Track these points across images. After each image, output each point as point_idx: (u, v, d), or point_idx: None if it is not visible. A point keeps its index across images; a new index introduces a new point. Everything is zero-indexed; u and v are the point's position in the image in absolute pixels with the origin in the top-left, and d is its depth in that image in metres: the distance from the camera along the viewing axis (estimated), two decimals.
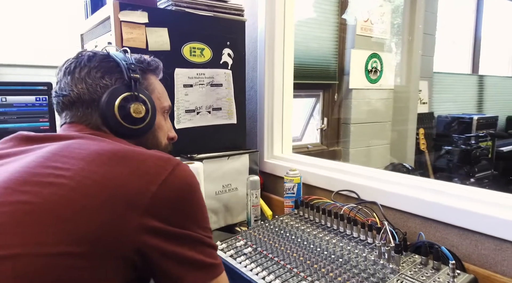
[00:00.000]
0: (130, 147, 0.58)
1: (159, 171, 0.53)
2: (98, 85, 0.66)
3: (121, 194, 0.49)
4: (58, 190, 0.47)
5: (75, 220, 0.46)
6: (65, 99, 0.66)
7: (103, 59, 0.68)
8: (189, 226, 0.54)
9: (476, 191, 0.96)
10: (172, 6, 1.26)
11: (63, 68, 0.69)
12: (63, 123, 0.68)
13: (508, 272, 0.82)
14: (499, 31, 4.78)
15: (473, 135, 2.85)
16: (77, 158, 0.52)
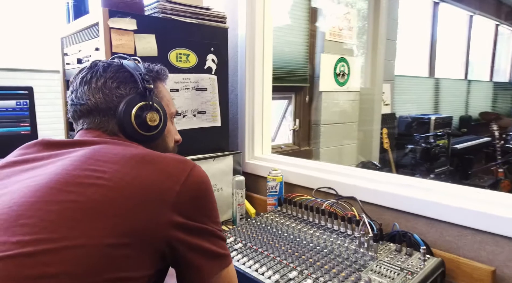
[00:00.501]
0: (152, 152, 0.64)
1: (180, 172, 0.59)
2: (114, 94, 0.70)
3: (153, 193, 0.55)
4: (99, 190, 0.53)
5: (118, 216, 0.52)
6: (82, 107, 0.70)
7: (118, 70, 0.72)
8: (206, 221, 0.61)
9: (440, 184, 1.10)
10: (159, 14, 1.31)
11: (78, 78, 0.72)
12: (80, 129, 0.72)
13: (468, 255, 0.96)
14: (452, 36, 5.16)
15: (432, 134, 3.09)
16: (111, 162, 0.57)
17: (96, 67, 0.73)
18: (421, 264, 0.88)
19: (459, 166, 3.64)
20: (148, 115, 0.72)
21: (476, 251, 0.94)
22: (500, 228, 0.90)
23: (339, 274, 0.87)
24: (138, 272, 0.53)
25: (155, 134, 0.75)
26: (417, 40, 4.47)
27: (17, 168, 0.61)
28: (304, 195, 1.24)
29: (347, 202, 1.14)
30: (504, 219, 0.89)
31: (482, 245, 0.93)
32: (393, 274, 0.85)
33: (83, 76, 0.72)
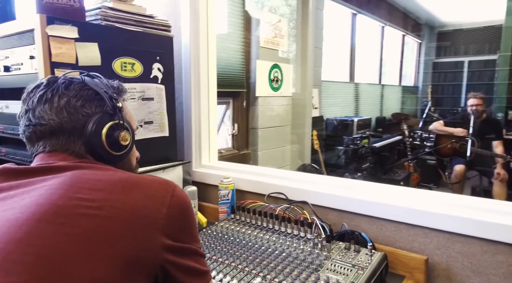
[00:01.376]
0: (131, 174, 0.63)
1: (164, 194, 0.59)
2: (80, 113, 0.66)
3: (144, 219, 0.55)
4: (92, 220, 0.51)
5: (114, 247, 0.50)
6: (43, 128, 0.65)
7: (81, 87, 0.68)
8: (190, 240, 0.62)
9: (379, 186, 1.23)
10: (101, 21, 1.25)
11: (36, 96, 0.66)
12: (40, 152, 0.66)
13: (404, 247, 1.10)
14: (368, 45, 5.68)
15: (358, 136, 3.39)
16: (95, 189, 0.55)
17: (56, 84, 0.67)
18: (369, 259, 0.99)
19: (377, 163, 4.05)
20: (121, 135, 0.70)
21: (411, 243, 1.09)
22: (429, 222, 1.05)
23: (299, 275, 0.94)
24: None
25: (124, 153, 0.73)
26: (339, 48, 4.84)
27: None
28: (257, 201, 1.29)
29: (299, 206, 1.22)
30: (432, 214, 1.04)
31: (415, 237, 1.08)
32: (346, 271, 0.95)
33: (41, 94, 0.66)
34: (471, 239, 0.99)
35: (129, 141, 0.73)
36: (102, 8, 1.26)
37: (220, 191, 1.37)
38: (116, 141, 0.70)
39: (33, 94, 0.67)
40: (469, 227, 0.99)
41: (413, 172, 4.54)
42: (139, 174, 0.67)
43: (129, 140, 0.73)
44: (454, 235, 1.02)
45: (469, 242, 1.00)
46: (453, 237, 1.02)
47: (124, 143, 0.71)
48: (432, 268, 1.05)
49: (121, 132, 0.70)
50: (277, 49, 3.06)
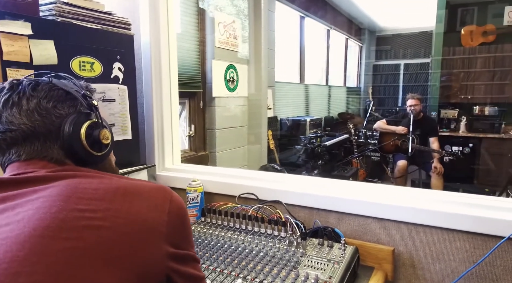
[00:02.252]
0: (128, 181, 0.59)
1: (163, 200, 0.57)
2: (52, 115, 0.61)
3: (148, 227, 0.52)
4: (96, 232, 0.47)
5: (121, 258, 0.47)
6: (14, 134, 0.59)
7: (50, 88, 0.63)
8: (188, 247, 0.60)
9: (346, 182, 1.29)
10: (57, 17, 1.16)
11: (0, 101, 0.60)
12: (14, 161, 0.60)
13: (371, 239, 1.16)
14: (315, 47, 5.89)
15: (314, 135, 3.51)
16: (95, 198, 0.51)
17: (21, 87, 0.62)
18: (342, 253, 1.03)
19: (328, 161, 4.22)
20: (102, 133, 0.66)
21: (377, 236, 1.15)
22: (393, 215, 1.12)
23: (279, 273, 0.95)
24: None
25: (106, 153, 0.69)
26: (289, 49, 4.96)
27: None
28: (228, 203, 1.29)
29: (271, 206, 1.23)
30: (396, 207, 1.12)
31: (381, 229, 1.15)
32: (323, 266, 0.98)
33: (6, 98, 0.61)
34: (432, 228, 1.08)
35: (110, 139, 0.69)
36: (57, 3, 1.17)
37: (188, 194, 1.34)
38: (97, 140, 0.66)
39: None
40: (430, 218, 1.07)
41: (360, 168, 4.81)
42: (130, 179, 0.63)
43: (110, 138, 0.69)
44: (416, 226, 1.10)
45: (430, 231, 1.08)
46: (416, 228, 1.10)
47: (105, 141, 0.67)
48: (398, 258, 1.13)
49: (101, 130, 0.67)
50: (231, 49, 3.06)
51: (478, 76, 4.95)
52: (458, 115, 5.13)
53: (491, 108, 4.91)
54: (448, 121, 5.21)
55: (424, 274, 1.10)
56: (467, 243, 1.03)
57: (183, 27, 2.62)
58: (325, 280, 0.91)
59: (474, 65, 4.96)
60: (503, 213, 0.99)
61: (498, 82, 4.83)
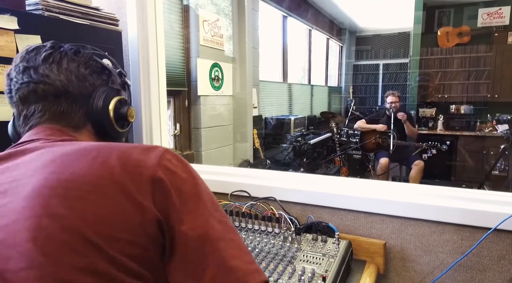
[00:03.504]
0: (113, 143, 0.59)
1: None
2: (88, 81, 0.63)
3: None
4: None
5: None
6: (47, 87, 0.59)
7: (90, 57, 0.65)
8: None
9: (337, 178, 1.31)
10: (43, 12, 1.13)
11: (41, 55, 0.61)
12: (36, 124, 0.61)
13: (363, 233, 1.19)
14: (298, 46, 5.94)
15: (300, 134, 3.54)
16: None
17: (62, 49, 0.64)
18: (336, 248, 1.05)
19: (313, 159, 4.27)
20: (129, 110, 0.68)
21: (369, 230, 1.18)
22: (384, 209, 1.15)
23: (276, 269, 0.96)
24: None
25: (125, 132, 0.71)
26: (272, 49, 4.99)
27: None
28: (220, 200, 1.28)
29: (264, 202, 1.24)
30: (387, 201, 1.14)
31: (373, 224, 1.17)
32: (318, 260, 0.99)
33: (48, 54, 0.61)
34: (421, 222, 1.11)
35: (134, 120, 0.71)
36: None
37: None
38: (124, 116, 0.68)
39: (35, 54, 0.62)
40: (419, 211, 1.10)
41: (342, 166, 4.89)
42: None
43: (134, 118, 0.71)
44: (406, 219, 1.13)
45: (419, 225, 1.11)
46: (406, 221, 1.13)
47: (130, 119, 0.70)
48: (389, 251, 1.15)
49: (129, 108, 0.69)
50: (216, 48, 3.05)
51: (455, 76, 5.12)
52: (435, 113, 5.30)
53: (467, 107, 5.09)
54: (426, 119, 5.37)
55: (414, 266, 1.13)
56: (455, 235, 1.07)
57: (168, 25, 2.59)
58: (321, 274, 0.93)
59: (450, 65, 5.13)
60: (489, 205, 1.03)
61: (473, 81, 5.01)
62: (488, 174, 3.78)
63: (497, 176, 3.98)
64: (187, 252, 0.50)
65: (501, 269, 1.03)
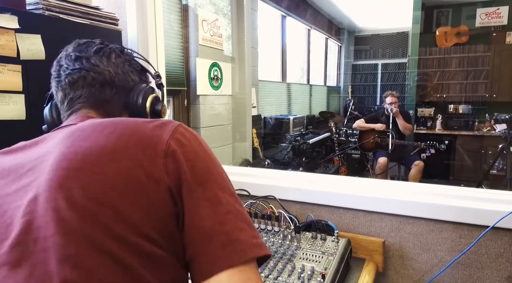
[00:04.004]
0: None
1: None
2: (129, 77, 0.71)
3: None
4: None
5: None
6: (96, 75, 0.66)
7: (132, 57, 0.74)
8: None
9: (336, 177, 1.32)
10: (44, 11, 1.13)
11: (93, 48, 0.69)
12: (78, 109, 0.67)
13: (362, 232, 1.19)
14: (296, 46, 5.95)
15: (299, 134, 3.54)
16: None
17: (109, 46, 0.71)
18: (336, 246, 1.06)
19: (312, 158, 4.28)
20: (163, 107, 0.76)
21: (368, 228, 1.19)
22: (383, 207, 1.16)
23: (276, 266, 0.97)
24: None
25: None
26: (271, 48, 4.99)
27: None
28: None
29: (264, 201, 1.25)
30: (385, 200, 1.15)
31: (372, 222, 1.18)
32: (318, 258, 1.00)
33: (99, 48, 0.69)
34: (420, 220, 1.12)
35: (165, 116, 0.78)
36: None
37: None
38: (158, 112, 0.75)
39: (87, 46, 0.70)
40: (418, 210, 1.11)
41: (341, 166, 4.90)
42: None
43: (165, 116, 0.79)
44: (405, 217, 1.14)
45: (418, 223, 1.12)
46: (405, 220, 1.14)
47: (163, 115, 0.77)
48: (388, 249, 1.16)
49: (163, 105, 0.77)
50: (215, 47, 3.05)
51: (453, 75, 5.13)
52: (434, 113, 5.31)
53: (465, 106, 5.10)
54: (424, 119, 5.38)
55: (413, 264, 1.14)
56: (453, 233, 1.08)
57: (167, 24, 2.59)
58: (321, 272, 0.93)
59: (449, 65, 5.14)
60: (488, 203, 1.04)
61: (471, 81, 5.02)
62: (487, 173, 3.79)
63: (495, 175, 3.99)
64: (195, 221, 0.52)
65: (499, 267, 1.04)
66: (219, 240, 0.51)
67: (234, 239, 0.52)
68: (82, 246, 0.47)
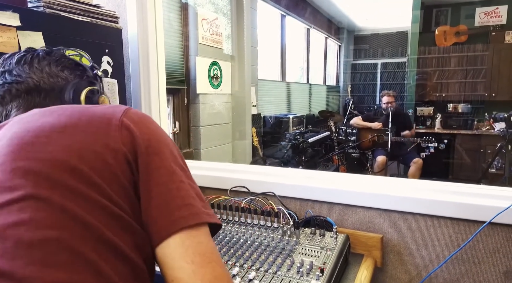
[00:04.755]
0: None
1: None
2: (59, 76, 0.67)
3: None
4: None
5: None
6: (19, 86, 0.64)
7: (62, 56, 0.70)
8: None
9: (335, 174, 1.33)
10: (45, 8, 1.14)
11: (14, 58, 0.67)
12: (12, 116, 0.64)
13: (361, 227, 1.20)
14: (296, 45, 5.96)
15: (298, 132, 3.55)
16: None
17: (36, 51, 0.70)
18: (334, 241, 1.07)
19: (311, 157, 4.29)
20: (101, 99, 0.72)
21: (366, 224, 1.20)
22: (381, 203, 1.17)
23: (275, 261, 0.98)
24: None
25: None
26: (270, 47, 5.00)
27: None
28: (220, 196, 1.30)
29: (263, 197, 1.26)
30: (384, 196, 1.16)
31: (370, 218, 1.19)
32: (317, 253, 1.01)
33: (21, 56, 0.67)
34: (418, 216, 1.13)
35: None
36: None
37: None
38: (96, 104, 0.72)
39: (11, 58, 0.68)
40: (416, 206, 1.12)
41: (340, 165, 4.91)
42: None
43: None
44: (403, 213, 1.15)
45: (416, 219, 1.13)
46: (403, 216, 1.15)
47: None
48: (386, 245, 1.17)
49: (100, 96, 0.72)
50: (215, 46, 3.06)
51: (452, 74, 5.15)
52: (433, 112, 5.32)
53: (464, 105, 5.12)
54: (424, 118, 5.39)
55: (411, 260, 1.15)
56: (451, 228, 1.09)
57: (167, 23, 2.60)
58: (319, 266, 0.94)
59: (448, 64, 5.15)
60: (484, 199, 1.05)
61: (470, 80, 5.04)
62: (485, 172, 3.81)
63: (494, 174, 4.01)
64: (152, 186, 0.54)
65: (496, 261, 1.05)
66: (175, 203, 0.53)
67: (188, 203, 0.54)
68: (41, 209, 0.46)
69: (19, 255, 0.42)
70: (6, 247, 0.42)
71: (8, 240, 0.43)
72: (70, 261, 0.44)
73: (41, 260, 0.42)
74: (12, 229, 0.43)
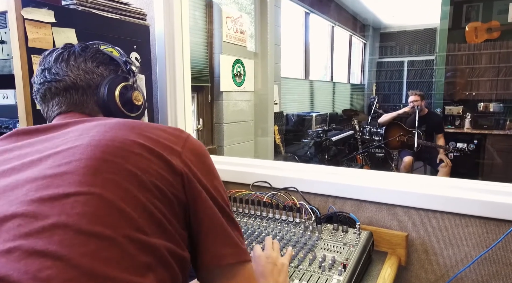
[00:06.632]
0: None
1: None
2: (94, 73, 0.69)
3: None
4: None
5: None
6: (58, 84, 0.67)
7: (97, 51, 0.71)
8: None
9: (358, 171, 1.31)
10: (78, 6, 1.18)
11: (52, 56, 0.69)
12: (57, 114, 0.67)
13: (385, 225, 1.18)
14: (320, 43, 5.90)
15: (321, 130, 3.53)
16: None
17: (72, 47, 0.71)
18: (357, 238, 1.06)
19: (334, 155, 4.25)
20: (134, 94, 0.74)
21: (391, 222, 1.18)
22: (407, 201, 1.14)
23: (297, 255, 0.98)
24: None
25: (137, 115, 0.76)
26: (294, 45, 4.98)
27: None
28: (243, 190, 1.31)
29: (285, 192, 1.26)
30: (409, 193, 1.14)
31: (395, 216, 1.17)
32: (339, 249, 1.00)
33: (58, 54, 0.69)
34: (445, 214, 1.10)
35: (142, 102, 0.76)
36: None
37: None
38: (129, 101, 0.74)
39: (50, 56, 0.70)
40: (443, 204, 1.09)
41: (364, 165, 4.83)
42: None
43: (142, 101, 0.76)
44: (429, 211, 1.12)
45: (443, 217, 1.10)
46: (429, 214, 1.12)
47: (137, 102, 0.75)
48: (411, 243, 1.15)
49: (133, 92, 0.74)
50: (239, 44, 3.08)
51: (483, 72, 4.95)
52: (462, 111, 5.13)
53: (496, 104, 4.91)
54: (452, 117, 5.21)
55: (437, 259, 1.12)
56: (479, 228, 1.05)
57: (192, 21, 2.64)
58: (342, 262, 0.94)
59: (478, 62, 4.96)
60: None
61: (503, 78, 4.83)
62: None
63: None
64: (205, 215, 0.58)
65: None
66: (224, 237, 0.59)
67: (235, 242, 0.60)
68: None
69: (77, 244, 0.45)
70: (68, 234, 0.45)
71: (69, 228, 0.45)
72: (120, 257, 0.47)
73: (93, 252, 0.45)
74: (74, 218, 0.46)
